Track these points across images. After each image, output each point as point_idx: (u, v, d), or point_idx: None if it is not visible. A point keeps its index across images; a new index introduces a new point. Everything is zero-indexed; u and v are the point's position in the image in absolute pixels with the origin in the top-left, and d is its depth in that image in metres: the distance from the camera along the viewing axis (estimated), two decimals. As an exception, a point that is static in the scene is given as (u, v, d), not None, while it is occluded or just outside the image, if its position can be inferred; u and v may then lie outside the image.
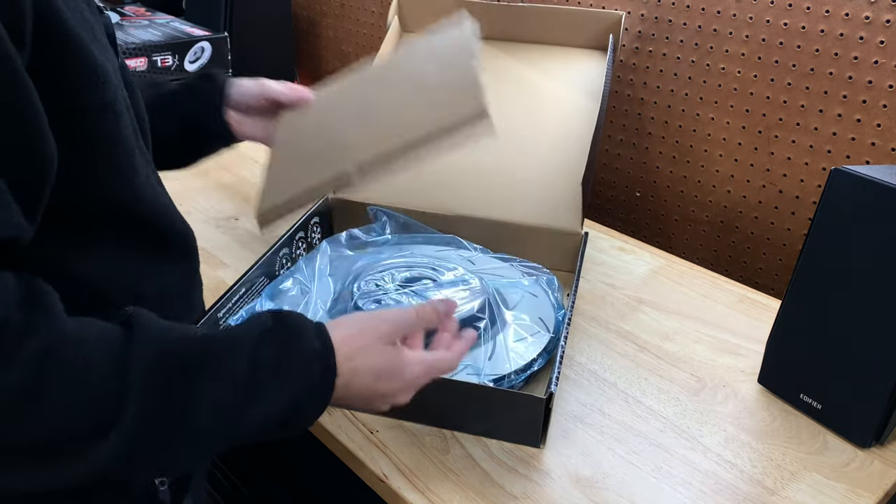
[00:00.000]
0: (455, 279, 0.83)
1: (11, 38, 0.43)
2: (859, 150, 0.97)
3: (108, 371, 0.43)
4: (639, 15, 1.15)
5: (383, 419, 0.73)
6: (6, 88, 0.43)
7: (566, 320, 0.80)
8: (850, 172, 0.69)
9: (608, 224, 1.22)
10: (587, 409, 0.76)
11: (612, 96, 1.24)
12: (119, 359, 0.44)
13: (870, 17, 0.91)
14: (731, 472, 0.69)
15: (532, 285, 0.87)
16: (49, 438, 0.42)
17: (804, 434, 0.74)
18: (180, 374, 0.46)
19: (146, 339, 0.45)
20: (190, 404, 0.46)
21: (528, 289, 0.87)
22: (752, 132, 1.08)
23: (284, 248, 0.90)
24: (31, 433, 0.42)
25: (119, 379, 0.43)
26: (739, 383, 0.81)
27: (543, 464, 0.69)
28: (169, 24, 1.52)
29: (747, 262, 1.14)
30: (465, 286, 0.81)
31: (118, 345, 0.45)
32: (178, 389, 0.45)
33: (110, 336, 0.45)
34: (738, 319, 0.92)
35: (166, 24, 1.51)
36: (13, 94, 0.44)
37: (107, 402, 0.43)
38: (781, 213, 1.08)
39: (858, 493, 0.67)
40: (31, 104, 0.45)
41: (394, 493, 0.66)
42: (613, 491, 0.66)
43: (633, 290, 0.98)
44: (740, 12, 1.03)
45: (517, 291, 0.86)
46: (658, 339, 0.88)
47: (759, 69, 1.04)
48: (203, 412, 0.46)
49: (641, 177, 1.25)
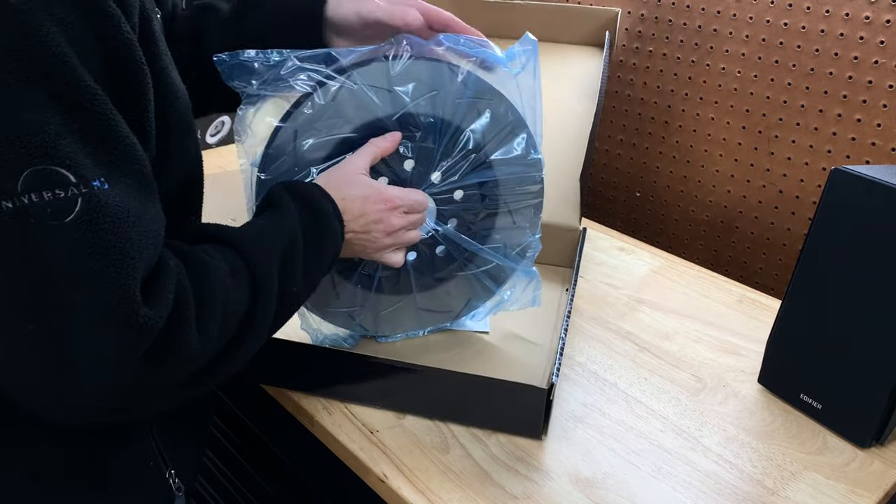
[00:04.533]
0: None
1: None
2: (859, 150, 0.97)
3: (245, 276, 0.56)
4: (639, 15, 1.15)
5: (383, 419, 0.73)
6: (143, 73, 0.48)
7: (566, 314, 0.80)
8: (850, 172, 0.69)
9: (608, 224, 1.22)
10: (587, 409, 0.76)
11: (612, 96, 1.24)
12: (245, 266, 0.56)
13: (870, 17, 0.91)
14: (731, 472, 0.69)
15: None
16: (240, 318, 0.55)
17: (804, 434, 0.74)
18: (281, 262, 0.58)
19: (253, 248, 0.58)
20: (291, 279, 0.59)
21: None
22: (752, 132, 1.08)
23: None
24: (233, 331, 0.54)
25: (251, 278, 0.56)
26: (739, 383, 0.81)
27: (543, 464, 0.69)
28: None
29: (747, 262, 1.14)
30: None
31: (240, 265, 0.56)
32: (281, 274, 0.58)
33: (228, 259, 0.56)
34: (738, 319, 0.92)
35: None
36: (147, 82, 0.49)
37: (249, 293, 0.55)
38: (781, 213, 1.08)
39: (858, 493, 0.67)
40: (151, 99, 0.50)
41: (394, 493, 0.66)
42: (613, 491, 0.66)
43: (633, 290, 0.98)
44: (740, 12, 1.03)
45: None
46: (658, 339, 0.88)
47: (759, 69, 1.04)
48: (298, 280, 0.60)
49: (641, 177, 1.25)
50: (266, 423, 0.90)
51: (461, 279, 0.78)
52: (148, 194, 0.48)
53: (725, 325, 0.91)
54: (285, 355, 0.76)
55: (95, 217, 0.43)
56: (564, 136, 1.04)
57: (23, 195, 0.41)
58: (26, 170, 0.41)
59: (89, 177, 0.43)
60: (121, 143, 0.46)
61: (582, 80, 1.09)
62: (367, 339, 0.83)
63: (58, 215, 0.42)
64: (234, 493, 1.03)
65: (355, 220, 0.65)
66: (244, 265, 0.55)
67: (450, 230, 0.74)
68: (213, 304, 0.51)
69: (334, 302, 0.77)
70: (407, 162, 0.71)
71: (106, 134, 0.45)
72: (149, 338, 0.46)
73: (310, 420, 0.74)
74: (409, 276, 0.77)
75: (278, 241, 0.59)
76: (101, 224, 0.43)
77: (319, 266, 0.63)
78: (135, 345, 0.45)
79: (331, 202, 0.63)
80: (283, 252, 0.58)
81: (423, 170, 0.71)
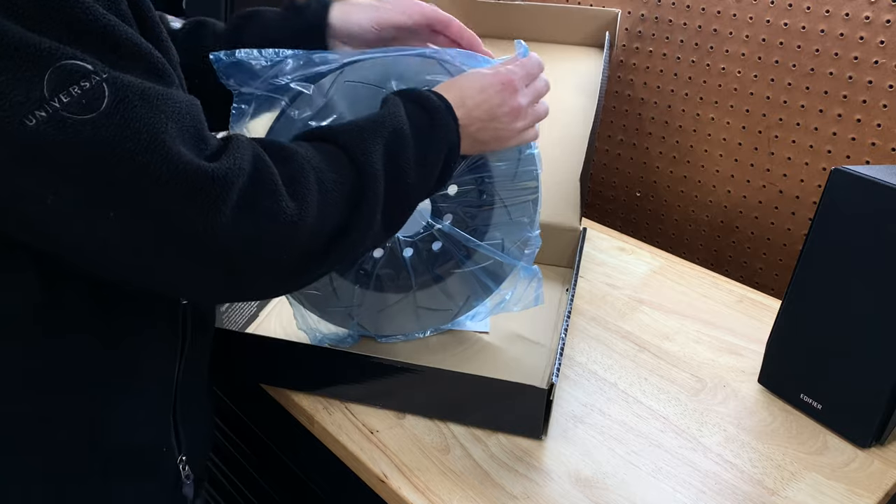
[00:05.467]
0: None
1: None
2: (859, 150, 0.97)
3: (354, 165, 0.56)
4: (639, 15, 1.15)
5: (383, 419, 0.73)
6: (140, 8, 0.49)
7: (566, 314, 0.80)
8: (850, 172, 0.69)
9: (608, 224, 1.22)
10: (587, 409, 0.76)
11: (612, 96, 1.24)
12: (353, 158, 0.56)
13: (870, 17, 0.91)
14: (731, 472, 0.69)
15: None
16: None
17: (804, 434, 0.74)
18: (385, 149, 0.57)
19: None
20: (399, 168, 0.58)
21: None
22: (752, 132, 1.08)
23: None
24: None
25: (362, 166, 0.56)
26: (739, 383, 0.81)
27: (543, 464, 0.69)
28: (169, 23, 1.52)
29: (747, 262, 1.14)
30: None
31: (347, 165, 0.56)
32: (386, 161, 0.57)
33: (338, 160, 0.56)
34: (738, 319, 0.92)
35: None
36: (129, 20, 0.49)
37: (350, 174, 0.55)
38: (781, 213, 1.08)
39: (858, 493, 0.67)
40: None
41: (394, 493, 0.66)
42: (613, 491, 0.66)
43: (633, 290, 0.98)
44: (740, 12, 1.03)
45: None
46: (658, 339, 0.88)
47: (759, 69, 1.04)
48: (410, 171, 0.59)
49: (641, 177, 1.25)
50: (266, 423, 0.90)
51: (459, 277, 0.78)
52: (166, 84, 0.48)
53: (725, 325, 0.91)
54: (285, 355, 0.76)
55: (127, 96, 0.44)
56: (564, 137, 1.04)
57: (52, 99, 0.42)
58: (47, 71, 0.42)
59: (104, 66, 0.44)
60: (123, 39, 0.46)
61: (582, 81, 1.09)
62: (367, 339, 0.83)
63: (92, 105, 0.43)
64: (233, 492, 1.03)
65: (477, 108, 0.64)
66: (340, 151, 0.55)
67: (446, 226, 0.74)
68: (304, 174, 0.51)
69: (332, 300, 0.77)
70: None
71: (107, 37, 0.45)
72: (224, 191, 0.46)
73: (310, 420, 0.74)
74: (408, 272, 0.77)
75: (381, 130, 0.57)
76: (134, 101, 0.44)
77: (434, 159, 0.61)
78: (211, 198, 0.46)
79: (439, 97, 0.62)
80: (387, 141, 0.57)
81: None
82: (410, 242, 0.75)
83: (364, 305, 0.78)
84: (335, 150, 0.55)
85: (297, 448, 0.85)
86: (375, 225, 0.57)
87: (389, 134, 0.57)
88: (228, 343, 0.75)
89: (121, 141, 0.43)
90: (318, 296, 0.77)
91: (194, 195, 0.45)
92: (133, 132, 0.43)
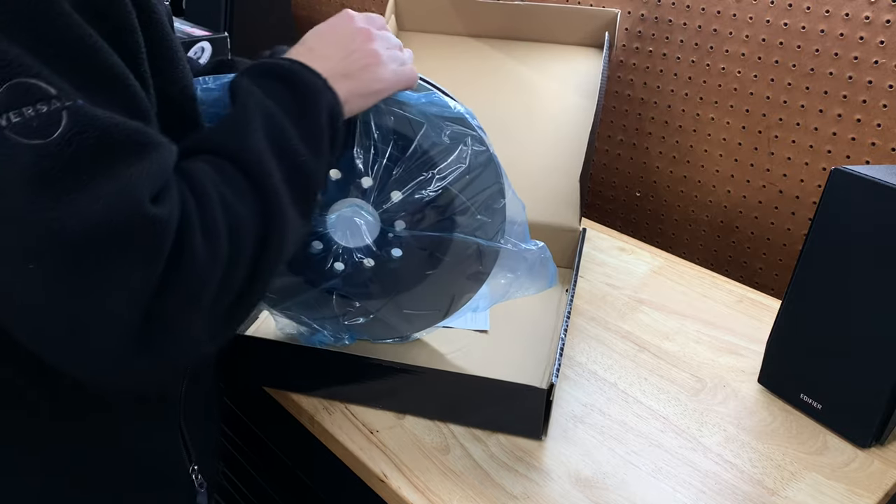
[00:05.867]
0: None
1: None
2: (859, 150, 0.97)
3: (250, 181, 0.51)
4: (639, 15, 1.15)
5: (383, 419, 0.73)
6: (132, 21, 0.45)
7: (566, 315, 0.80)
8: (850, 172, 0.69)
9: (608, 224, 1.22)
10: (587, 409, 0.76)
11: (611, 96, 1.24)
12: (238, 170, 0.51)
13: (870, 17, 0.91)
14: (731, 472, 0.69)
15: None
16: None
17: (804, 434, 0.74)
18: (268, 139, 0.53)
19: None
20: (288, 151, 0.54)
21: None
22: (752, 132, 1.08)
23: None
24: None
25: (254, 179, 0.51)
26: (739, 383, 0.81)
27: (543, 464, 0.69)
28: (169, 23, 1.52)
29: (747, 262, 1.14)
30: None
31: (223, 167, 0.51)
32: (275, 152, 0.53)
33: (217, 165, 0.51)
34: (738, 319, 0.92)
35: (166, 24, 1.51)
36: (137, 30, 0.46)
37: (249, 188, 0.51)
38: (781, 213, 1.08)
39: (858, 493, 0.67)
40: (142, 47, 0.47)
41: (394, 493, 0.66)
42: (613, 491, 0.66)
43: (633, 290, 0.98)
44: (740, 12, 1.03)
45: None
46: (658, 339, 0.88)
47: (759, 69, 1.04)
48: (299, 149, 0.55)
49: (641, 177, 1.25)
50: (266, 423, 0.90)
51: (435, 276, 0.76)
52: (144, 120, 0.45)
53: (725, 325, 0.91)
54: (285, 356, 0.76)
55: (86, 130, 0.40)
56: (564, 137, 1.04)
57: (1, 115, 0.39)
58: (4, 84, 0.39)
59: (71, 93, 0.41)
60: (104, 67, 0.43)
61: (582, 81, 1.09)
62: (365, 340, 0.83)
63: (43, 131, 0.39)
64: (233, 492, 1.03)
65: (345, 61, 0.60)
66: (227, 162, 0.50)
67: (401, 231, 0.72)
68: (212, 205, 0.47)
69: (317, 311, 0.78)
70: (333, 171, 0.69)
71: (83, 59, 0.42)
72: (166, 238, 0.42)
73: (310, 420, 0.74)
74: (377, 281, 0.75)
75: (253, 124, 0.53)
76: (90, 139, 0.40)
77: (316, 124, 0.56)
78: (154, 247, 0.42)
79: (291, 61, 0.58)
80: (268, 133, 0.53)
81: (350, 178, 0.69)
82: (368, 254, 0.73)
83: (347, 315, 0.78)
84: (220, 161, 0.51)
85: (297, 448, 0.85)
86: (289, 223, 0.53)
87: (265, 125, 0.53)
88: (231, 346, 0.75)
89: (60, 177, 0.39)
90: (304, 309, 0.77)
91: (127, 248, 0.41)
92: (76, 171, 0.40)
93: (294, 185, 0.53)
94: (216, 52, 1.47)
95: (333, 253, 0.73)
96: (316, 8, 1.76)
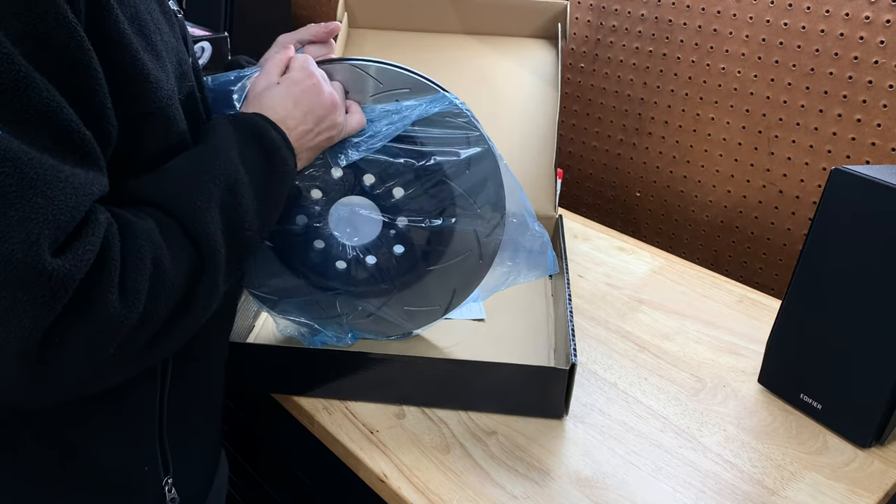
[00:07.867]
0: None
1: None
2: (859, 150, 0.97)
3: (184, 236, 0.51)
4: (639, 15, 1.15)
5: (383, 419, 0.73)
6: (83, 50, 0.45)
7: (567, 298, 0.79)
8: (850, 172, 0.69)
9: (608, 224, 1.22)
10: (587, 409, 0.76)
11: (611, 96, 1.24)
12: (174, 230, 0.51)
13: (870, 17, 0.91)
14: (731, 472, 0.69)
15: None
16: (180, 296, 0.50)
17: (804, 434, 0.74)
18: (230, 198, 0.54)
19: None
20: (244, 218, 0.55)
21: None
22: (752, 132, 1.08)
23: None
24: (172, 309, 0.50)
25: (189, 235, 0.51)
26: (739, 383, 0.81)
27: (543, 464, 0.69)
28: (169, 24, 1.52)
29: (747, 262, 1.14)
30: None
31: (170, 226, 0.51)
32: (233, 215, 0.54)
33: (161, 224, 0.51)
34: (738, 319, 0.92)
35: (166, 24, 1.51)
36: (89, 57, 0.45)
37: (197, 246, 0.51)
38: (781, 213, 1.08)
39: (858, 493, 0.67)
40: (99, 73, 0.46)
41: (394, 493, 0.66)
42: (613, 491, 0.66)
43: (633, 290, 0.98)
44: (740, 12, 1.03)
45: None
46: (658, 339, 0.88)
47: (759, 69, 1.04)
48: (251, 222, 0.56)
49: (641, 177, 1.25)
50: (266, 423, 0.90)
51: (437, 273, 0.77)
52: (73, 156, 0.44)
53: (725, 325, 0.91)
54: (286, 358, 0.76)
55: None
56: (532, 128, 1.06)
57: None
58: None
59: (2, 123, 0.40)
60: (35, 100, 0.42)
61: (540, 71, 1.11)
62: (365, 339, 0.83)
63: None
64: (233, 492, 1.03)
65: (303, 122, 0.62)
66: (177, 225, 0.50)
67: (402, 228, 0.73)
68: (141, 266, 0.47)
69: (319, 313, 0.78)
70: (334, 170, 0.71)
71: (9, 93, 0.41)
72: (62, 291, 0.42)
73: (310, 420, 0.74)
74: (379, 278, 0.76)
75: (216, 188, 0.53)
76: (2, 172, 0.40)
77: (275, 204, 0.59)
78: (46, 298, 0.41)
79: (277, 130, 0.59)
80: (223, 201, 0.53)
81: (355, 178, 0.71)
82: (370, 251, 0.74)
83: (351, 314, 0.78)
84: (175, 230, 0.51)
85: (297, 448, 0.85)
86: (218, 293, 0.54)
87: (226, 194, 0.54)
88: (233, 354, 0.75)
89: None
90: (306, 312, 0.78)
91: (29, 290, 0.41)
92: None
93: (233, 255, 0.54)
94: (216, 51, 1.47)
95: (335, 251, 0.74)
96: (316, 8, 1.76)
